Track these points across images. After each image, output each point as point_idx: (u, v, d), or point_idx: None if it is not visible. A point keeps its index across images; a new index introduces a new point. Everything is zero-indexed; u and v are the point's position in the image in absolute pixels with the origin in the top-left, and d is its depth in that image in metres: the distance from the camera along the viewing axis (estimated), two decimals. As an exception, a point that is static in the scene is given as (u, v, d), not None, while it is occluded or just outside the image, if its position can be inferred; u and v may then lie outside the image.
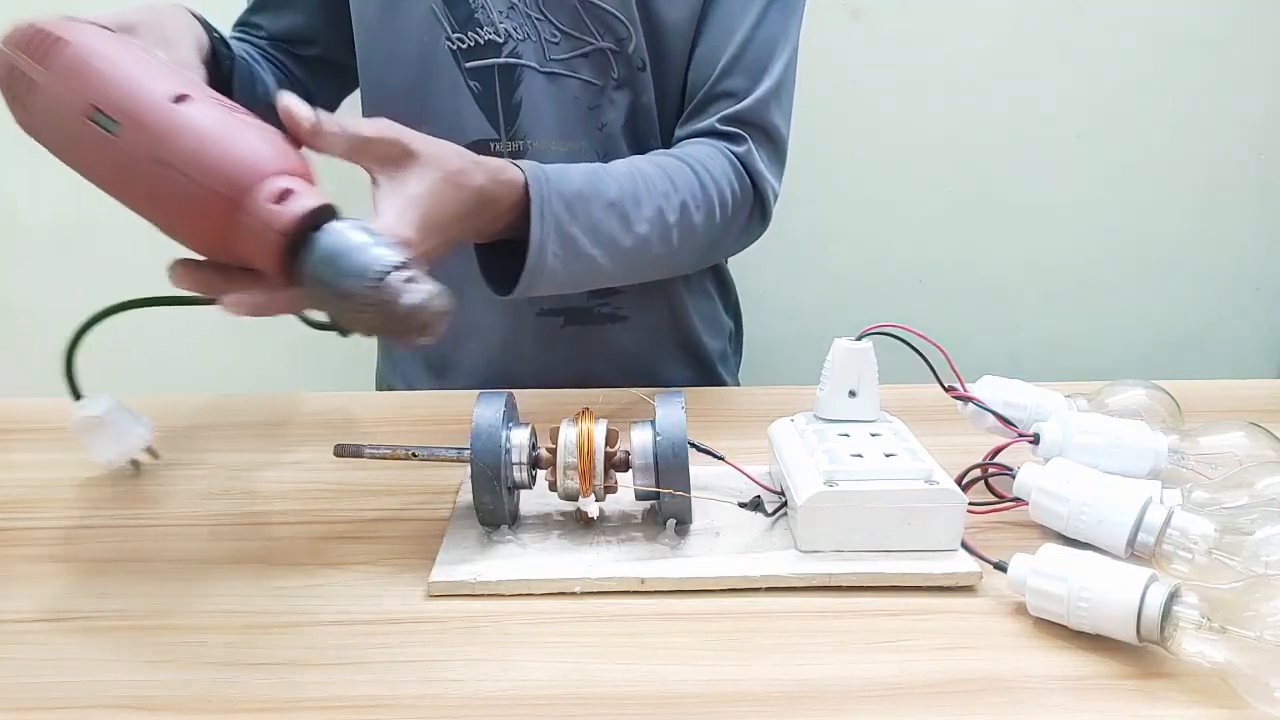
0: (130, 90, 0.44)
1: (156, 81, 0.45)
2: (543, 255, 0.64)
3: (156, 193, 0.44)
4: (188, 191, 0.43)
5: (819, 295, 1.36)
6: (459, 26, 0.78)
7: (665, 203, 0.72)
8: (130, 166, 0.44)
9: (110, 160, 0.45)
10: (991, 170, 1.33)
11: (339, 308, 0.43)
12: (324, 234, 0.43)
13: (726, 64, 0.79)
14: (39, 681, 0.42)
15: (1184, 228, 1.36)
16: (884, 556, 0.50)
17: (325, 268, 0.43)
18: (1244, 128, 1.31)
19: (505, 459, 0.51)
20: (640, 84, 0.80)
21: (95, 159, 0.45)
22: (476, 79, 0.79)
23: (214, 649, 0.45)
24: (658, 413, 0.51)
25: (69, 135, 0.46)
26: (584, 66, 0.79)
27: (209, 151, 0.43)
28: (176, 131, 0.43)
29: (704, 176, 0.75)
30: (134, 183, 0.45)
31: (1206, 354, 1.41)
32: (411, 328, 0.42)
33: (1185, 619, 0.41)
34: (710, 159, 0.76)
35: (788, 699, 0.41)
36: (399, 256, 0.43)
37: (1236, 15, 1.27)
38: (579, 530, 0.54)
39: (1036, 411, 0.61)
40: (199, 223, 0.44)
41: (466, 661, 0.44)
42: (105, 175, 0.46)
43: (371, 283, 0.42)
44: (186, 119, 0.44)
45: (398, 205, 0.52)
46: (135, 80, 0.45)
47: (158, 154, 0.43)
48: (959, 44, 1.27)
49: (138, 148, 0.43)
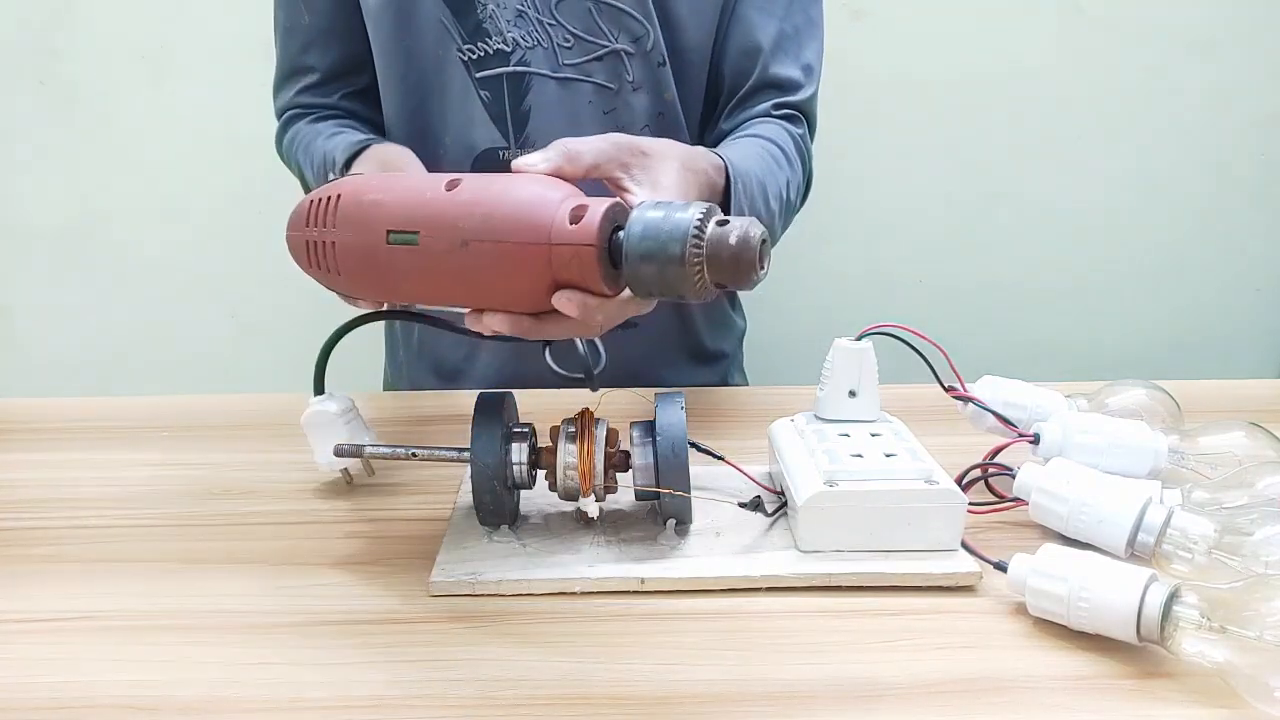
0: (411, 200, 0.48)
1: (425, 184, 0.49)
2: None
3: (474, 274, 0.46)
4: (501, 255, 0.45)
5: (819, 295, 1.36)
6: (469, 37, 0.78)
7: (784, 183, 0.76)
8: (442, 263, 0.47)
9: (422, 268, 0.47)
10: (991, 170, 1.33)
11: (675, 276, 0.43)
12: (630, 225, 0.44)
13: (770, 50, 0.80)
14: (39, 681, 0.43)
15: (1184, 228, 1.36)
16: (884, 556, 0.50)
17: (647, 245, 0.43)
18: (1245, 128, 1.31)
19: (505, 459, 0.51)
20: (662, 81, 0.80)
21: (410, 274, 0.48)
22: (486, 88, 0.79)
23: (214, 649, 0.45)
24: (658, 413, 0.51)
25: (380, 267, 0.48)
26: (598, 70, 0.79)
27: (501, 213, 0.45)
28: (466, 210, 0.46)
29: (793, 157, 0.79)
30: (450, 276, 0.47)
31: (1206, 354, 1.41)
32: (744, 265, 0.42)
33: (1185, 619, 0.41)
34: (786, 141, 0.80)
35: (788, 699, 0.41)
36: (700, 209, 0.43)
37: (1237, 16, 1.27)
38: (579, 530, 0.54)
39: (1036, 411, 0.61)
40: (520, 280, 0.46)
41: (466, 661, 0.44)
42: (424, 284, 0.48)
43: (694, 237, 0.42)
44: (469, 196, 0.46)
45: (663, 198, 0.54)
46: (410, 191, 0.48)
47: (461, 237, 0.46)
48: (959, 44, 1.27)
49: (441, 243, 0.46)
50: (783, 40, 0.81)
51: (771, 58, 0.81)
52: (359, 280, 0.51)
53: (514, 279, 0.46)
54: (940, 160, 1.32)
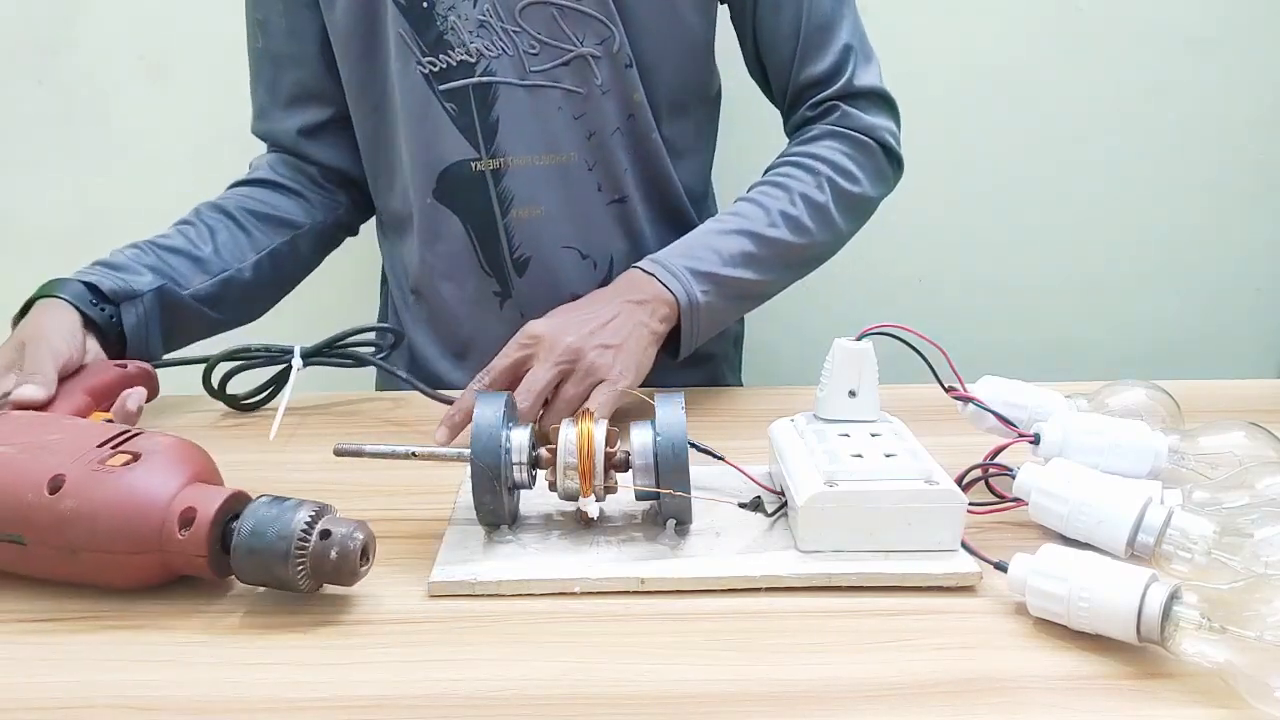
0: (12, 503, 0.47)
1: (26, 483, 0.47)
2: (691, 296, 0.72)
3: (88, 573, 0.48)
4: (111, 563, 0.47)
5: (819, 295, 1.36)
6: (428, 50, 0.78)
7: (783, 204, 0.77)
8: (54, 563, 0.48)
9: (39, 561, 0.48)
10: (992, 170, 1.33)
11: (280, 573, 0.46)
12: (242, 520, 0.46)
13: (799, 58, 0.81)
14: (39, 681, 0.42)
15: (1184, 228, 1.36)
16: (884, 556, 0.50)
17: (253, 542, 0.46)
18: (1245, 128, 1.31)
19: (505, 459, 0.51)
20: (630, 83, 0.80)
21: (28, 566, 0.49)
22: (451, 100, 0.79)
23: (214, 649, 0.45)
24: (658, 413, 0.51)
25: None
26: (566, 75, 0.78)
27: (107, 526, 0.46)
28: (71, 521, 0.46)
29: (807, 162, 0.79)
30: (65, 572, 0.48)
31: (1206, 354, 1.41)
32: (345, 572, 0.46)
33: (1185, 619, 0.41)
34: (811, 142, 0.81)
35: (788, 699, 0.41)
36: (311, 510, 0.47)
37: (1237, 17, 1.26)
38: (579, 530, 0.54)
39: (1036, 411, 0.61)
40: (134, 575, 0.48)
41: (466, 661, 0.44)
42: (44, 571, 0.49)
43: (300, 540, 0.46)
44: (74, 504, 0.47)
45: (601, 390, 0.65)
46: (10, 491, 0.47)
47: (70, 546, 0.47)
48: (959, 44, 1.27)
49: (49, 549, 0.47)
50: (810, 35, 0.81)
51: (804, 60, 0.82)
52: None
53: (128, 576, 0.48)
54: (940, 159, 1.32)
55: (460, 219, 0.83)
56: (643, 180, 0.84)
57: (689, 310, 0.72)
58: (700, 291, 0.72)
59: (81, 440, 0.50)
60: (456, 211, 0.83)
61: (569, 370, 0.65)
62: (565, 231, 0.83)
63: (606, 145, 0.81)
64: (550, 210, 0.82)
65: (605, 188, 0.83)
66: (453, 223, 0.83)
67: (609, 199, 0.83)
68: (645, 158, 0.83)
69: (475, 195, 0.82)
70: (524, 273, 0.83)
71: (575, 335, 0.66)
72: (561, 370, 0.65)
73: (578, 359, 0.65)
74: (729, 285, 0.74)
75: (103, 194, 1.31)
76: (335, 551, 0.46)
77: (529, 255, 0.83)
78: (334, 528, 0.47)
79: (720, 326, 0.77)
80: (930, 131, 1.31)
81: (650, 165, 0.84)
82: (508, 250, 0.83)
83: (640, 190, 0.84)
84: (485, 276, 0.84)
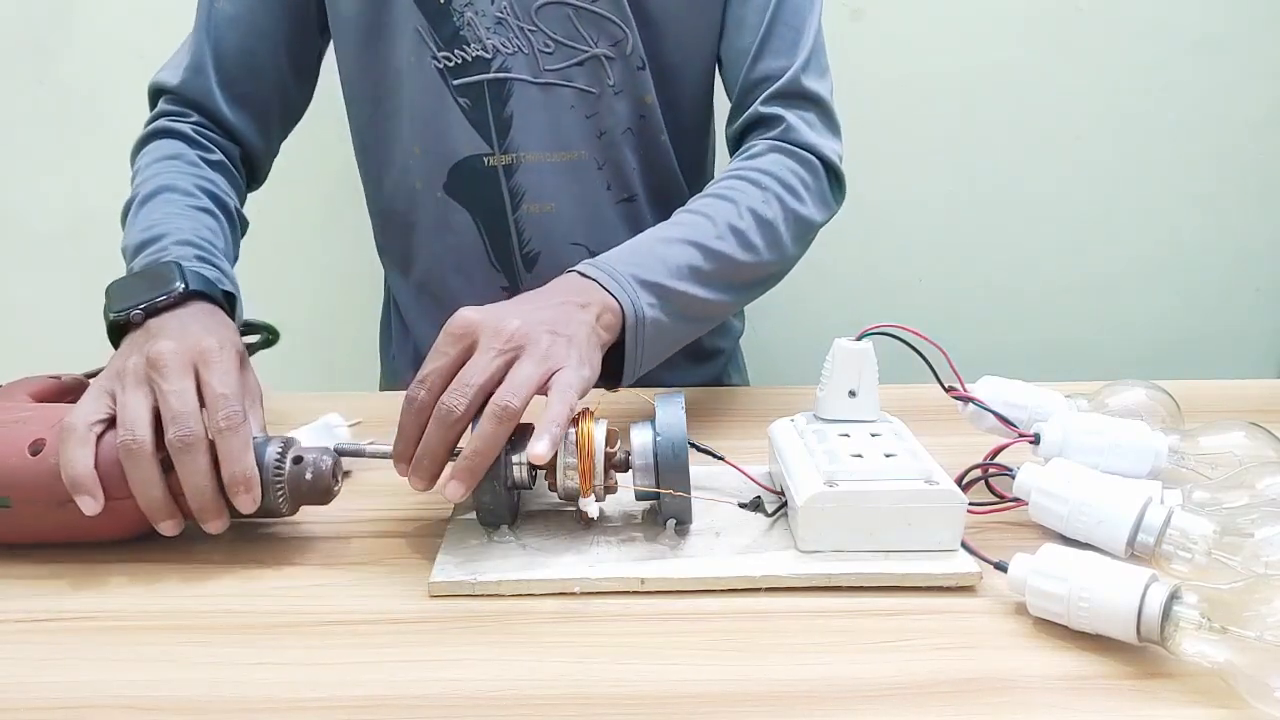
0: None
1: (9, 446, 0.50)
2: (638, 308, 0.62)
3: (79, 522, 0.49)
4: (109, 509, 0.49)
5: (819, 295, 1.36)
6: (444, 45, 0.78)
7: (730, 216, 0.70)
8: (42, 519, 0.50)
9: (26, 520, 0.51)
10: (991, 170, 1.33)
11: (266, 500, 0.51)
12: None
13: (757, 49, 0.79)
14: (39, 681, 0.42)
15: (1184, 228, 1.36)
16: (884, 557, 0.50)
17: None
18: (1245, 128, 1.31)
19: (505, 459, 0.51)
20: (641, 84, 0.80)
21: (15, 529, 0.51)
22: (465, 95, 0.79)
23: (214, 649, 0.45)
24: (658, 413, 0.51)
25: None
26: (579, 75, 0.79)
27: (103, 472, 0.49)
28: (55, 477, 0.49)
29: (755, 175, 0.74)
30: (52, 527, 0.51)
31: (1206, 354, 1.41)
32: (320, 490, 0.51)
33: (1185, 619, 0.41)
34: (756, 157, 0.76)
35: (788, 699, 0.41)
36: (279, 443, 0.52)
37: (1237, 16, 1.26)
38: (579, 530, 0.54)
39: (1036, 411, 0.61)
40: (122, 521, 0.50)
41: (466, 661, 0.44)
42: (31, 530, 0.51)
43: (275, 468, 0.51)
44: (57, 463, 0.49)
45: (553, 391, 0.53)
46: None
47: (57, 499, 0.49)
48: (959, 44, 1.27)
49: (37, 506, 0.50)
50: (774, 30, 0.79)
51: (761, 53, 0.79)
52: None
53: (115, 522, 0.50)
54: (940, 159, 1.32)
55: (470, 213, 0.83)
56: (651, 180, 0.84)
57: (635, 325, 0.62)
58: (647, 304, 0.63)
59: (52, 413, 0.52)
60: (467, 206, 0.83)
61: (515, 359, 0.53)
62: (574, 228, 0.83)
63: (616, 144, 0.81)
64: (560, 207, 0.82)
65: (614, 186, 0.83)
66: (463, 217, 0.83)
67: (618, 197, 0.83)
68: (654, 158, 0.84)
69: (486, 190, 0.82)
70: (532, 268, 0.84)
71: (520, 320, 0.54)
72: (508, 359, 0.53)
73: (526, 343, 0.54)
74: (675, 300, 0.65)
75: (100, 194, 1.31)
76: (310, 473, 0.51)
77: (538, 251, 0.83)
78: (304, 454, 0.51)
79: (662, 354, 0.66)
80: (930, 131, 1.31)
81: (659, 165, 0.84)
82: (517, 245, 0.83)
83: (648, 190, 0.85)
84: (494, 271, 0.84)
